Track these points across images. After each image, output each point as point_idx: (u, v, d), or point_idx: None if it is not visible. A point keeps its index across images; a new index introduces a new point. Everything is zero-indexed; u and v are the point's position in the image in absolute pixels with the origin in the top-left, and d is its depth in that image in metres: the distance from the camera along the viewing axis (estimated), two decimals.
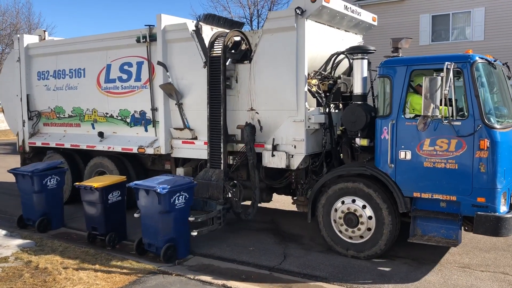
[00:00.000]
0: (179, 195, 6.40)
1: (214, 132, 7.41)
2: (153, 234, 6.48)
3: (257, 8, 30.67)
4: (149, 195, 6.36)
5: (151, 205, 6.39)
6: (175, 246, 6.46)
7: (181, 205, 6.45)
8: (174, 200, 6.33)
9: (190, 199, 6.60)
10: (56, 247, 6.95)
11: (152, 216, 6.44)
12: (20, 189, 8.13)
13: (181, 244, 6.58)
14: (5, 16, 37.94)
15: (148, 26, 8.22)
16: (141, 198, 6.52)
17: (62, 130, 9.90)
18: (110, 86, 8.91)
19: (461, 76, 5.78)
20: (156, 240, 6.44)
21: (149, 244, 6.57)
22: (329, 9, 6.90)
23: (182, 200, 6.45)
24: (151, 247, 6.55)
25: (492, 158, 5.54)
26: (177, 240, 6.49)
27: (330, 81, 7.34)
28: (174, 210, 6.35)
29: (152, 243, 6.52)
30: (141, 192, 6.47)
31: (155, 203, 6.30)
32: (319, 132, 7.06)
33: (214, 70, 7.35)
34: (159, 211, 6.31)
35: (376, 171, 6.29)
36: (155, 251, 6.50)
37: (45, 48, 10.02)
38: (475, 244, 7.03)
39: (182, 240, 6.59)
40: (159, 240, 6.41)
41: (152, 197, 6.31)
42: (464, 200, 5.75)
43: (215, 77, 7.34)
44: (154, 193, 6.24)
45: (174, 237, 6.45)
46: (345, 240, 6.54)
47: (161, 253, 6.31)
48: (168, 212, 6.32)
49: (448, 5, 20.74)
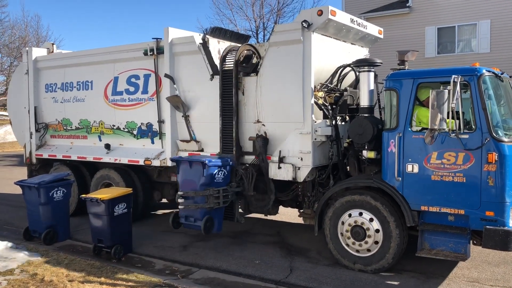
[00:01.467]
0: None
1: (227, 144, 7.44)
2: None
3: (263, 21, 30.81)
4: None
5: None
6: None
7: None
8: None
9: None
10: (62, 260, 6.94)
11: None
12: (26, 201, 8.14)
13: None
14: (14, 30, 38.37)
15: (155, 39, 8.30)
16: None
17: (69, 142, 9.95)
18: (117, 98, 8.97)
19: (468, 89, 5.76)
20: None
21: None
22: (335, 22, 6.93)
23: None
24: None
25: (500, 171, 5.50)
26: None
27: (337, 94, 7.34)
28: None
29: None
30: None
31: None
32: (325, 144, 7.05)
33: (226, 83, 7.41)
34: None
35: (383, 184, 6.26)
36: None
37: (53, 61, 10.12)
38: (484, 258, 6.94)
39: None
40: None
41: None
42: (472, 214, 5.70)
43: (227, 90, 7.40)
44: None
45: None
46: (352, 254, 6.49)
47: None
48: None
49: (453, 17, 20.77)
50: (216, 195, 6.90)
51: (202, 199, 6.87)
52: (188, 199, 6.97)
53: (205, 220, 6.85)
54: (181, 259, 7.15)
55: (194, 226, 7.08)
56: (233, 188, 7.20)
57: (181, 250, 7.57)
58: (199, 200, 6.90)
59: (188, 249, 7.65)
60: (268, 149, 7.25)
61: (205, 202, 6.84)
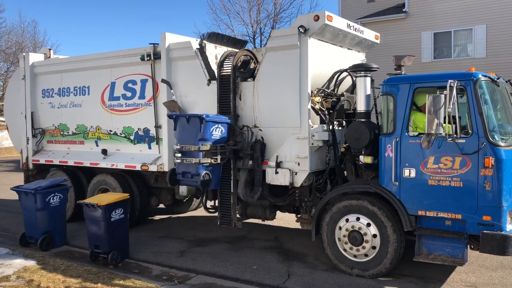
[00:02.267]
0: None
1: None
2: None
3: (260, 26, 30.93)
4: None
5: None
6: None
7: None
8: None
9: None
10: (58, 266, 6.91)
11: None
12: (22, 206, 8.11)
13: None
14: (11, 35, 38.42)
15: (152, 44, 8.31)
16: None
17: (66, 148, 9.93)
18: (114, 103, 8.96)
19: (464, 94, 5.78)
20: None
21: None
22: (332, 28, 6.95)
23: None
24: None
25: (497, 176, 5.51)
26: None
27: (334, 99, 7.36)
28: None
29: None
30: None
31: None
32: (322, 149, 7.05)
33: (224, 88, 7.42)
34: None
35: (381, 189, 6.26)
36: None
37: (50, 66, 10.11)
38: (482, 262, 6.95)
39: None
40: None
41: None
42: (469, 219, 5.70)
43: (224, 95, 7.40)
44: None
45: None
46: (349, 259, 6.48)
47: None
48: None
49: (449, 22, 20.88)
50: (214, 151, 6.85)
51: (199, 154, 6.78)
52: (185, 154, 6.86)
53: (203, 175, 6.75)
54: (178, 264, 7.13)
55: (191, 182, 6.99)
56: (230, 146, 7.13)
57: (178, 256, 7.55)
58: (196, 155, 6.82)
59: (185, 254, 7.62)
60: (265, 154, 7.25)
61: (202, 158, 6.76)
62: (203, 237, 8.66)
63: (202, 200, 8.48)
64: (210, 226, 9.20)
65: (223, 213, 7.62)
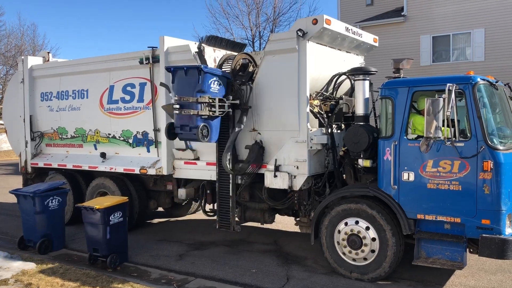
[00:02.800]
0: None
1: (223, 152, 7.41)
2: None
3: (259, 30, 30.96)
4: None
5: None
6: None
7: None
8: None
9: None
10: (57, 269, 6.89)
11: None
12: (21, 210, 8.09)
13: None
14: (10, 38, 38.44)
15: (151, 48, 8.31)
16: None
17: (65, 151, 9.92)
18: (113, 107, 8.96)
19: (463, 97, 5.79)
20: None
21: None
22: (330, 31, 6.96)
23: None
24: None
25: (496, 179, 5.51)
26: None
27: (332, 102, 7.36)
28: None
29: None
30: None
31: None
32: (321, 152, 7.05)
33: None
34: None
35: (379, 192, 6.26)
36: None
37: (48, 70, 10.11)
38: (481, 266, 6.94)
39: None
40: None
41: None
42: (468, 222, 5.70)
43: None
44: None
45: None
46: (348, 262, 6.47)
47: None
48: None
49: (448, 26, 20.93)
50: (212, 103, 6.81)
51: (197, 106, 6.73)
52: (183, 106, 6.77)
53: (201, 127, 6.73)
54: (177, 268, 7.11)
55: (189, 135, 6.93)
56: (229, 100, 7.11)
57: (177, 259, 7.53)
58: (194, 107, 6.73)
59: (184, 258, 7.61)
60: (264, 157, 7.25)
61: (200, 110, 6.71)
62: (202, 240, 8.65)
63: (201, 203, 8.50)
64: (209, 230, 9.18)
65: (221, 217, 7.61)
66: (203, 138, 6.80)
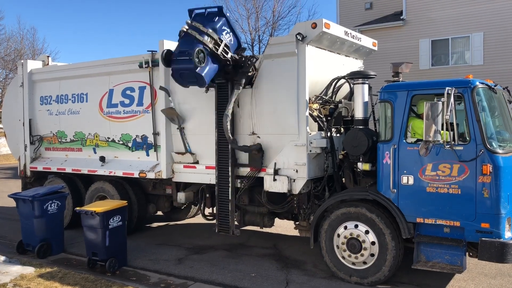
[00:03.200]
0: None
1: (222, 156, 7.43)
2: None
3: (258, 33, 31.02)
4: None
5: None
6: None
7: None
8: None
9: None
10: (56, 273, 6.87)
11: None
12: (20, 214, 8.08)
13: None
14: (9, 42, 38.42)
15: (150, 52, 8.32)
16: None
17: (64, 155, 9.91)
18: (112, 110, 8.96)
19: (462, 101, 5.79)
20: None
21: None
22: (329, 35, 6.97)
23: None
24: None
25: (495, 183, 5.51)
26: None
27: (331, 106, 7.37)
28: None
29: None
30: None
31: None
32: (320, 156, 7.05)
33: (222, 95, 7.41)
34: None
35: (379, 196, 6.25)
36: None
37: (48, 73, 10.11)
38: (480, 270, 6.93)
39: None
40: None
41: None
42: (468, 226, 5.69)
43: (223, 103, 7.38)
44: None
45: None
46: (348, 266, 6.46)
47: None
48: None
49: (447, 30, 20.97)
50: (219, 42, 6.94)
51: (204, 36, 6.83)
52: (191, 28, 6.90)
53: (197, 50, 6.67)
54: (176, 272, 7.09)
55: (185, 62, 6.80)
56: (234, 55, 7.23)
57: (176, 263, 7.51)
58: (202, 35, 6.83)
59: (183, 262, 7.59)
60: (263, 161, 7.25)
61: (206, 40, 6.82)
62: (201, 244, 8.63)
63: (200, 207, 8.49)
64: (208, 234, 9.17)
65: (221, 221, 7.60)
66: (199, 63, 6.71)
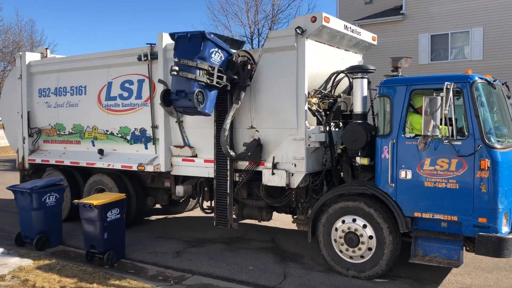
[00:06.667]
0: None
1: (221, 149, 7.41)
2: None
3: (257, 27, 30.97)
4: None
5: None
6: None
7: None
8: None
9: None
10: (54, 265, 6.89)
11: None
12: (18, 206, 8.08)
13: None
14: (8, 34, 38.23)
15: (149, 45, 8.28)
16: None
17: (62, 147, 9.90)
18: (111, 103, 8.94)
19: (461, 96, 5.79)
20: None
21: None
22: (329, 29, 6.96)
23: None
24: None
25: (493, 178, 5.52)
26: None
27: (330, 100, 7.36)
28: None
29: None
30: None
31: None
32: (319, 150, 7.05)
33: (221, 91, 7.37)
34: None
35: (377, 190, 6.27)
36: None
37: (46, 66, 10.08)
38: (477, 264, 6.96)
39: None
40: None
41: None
42: (465, 221, 5.71)
43: (222, 97, 7.36)
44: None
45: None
46: (345, 260, 6.49)
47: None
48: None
49: (446, 24, 20.95)
50: (211, 71, 6.77)
51: (196, 71, 6.67)
52: (182, 68, 6.69)
53: (196, 92, 6.66)
54: (174, 265, 7.12)
55: (184, 102, 6.80)
56: (229, 74, 7.04)
57: (174, 256, 7.54)
58: (193, 71, 6.68)
59: (181, 255, 7.61)
60: (262, 155, 7.25)
61: (198, 75, 6.66)
62: (199, 237, 8.65)
63: (199, 200, 8.50)
64: (206, 227, 9.19)
65: (219, 214, 7.62)
66: (198, 104, 6.71)
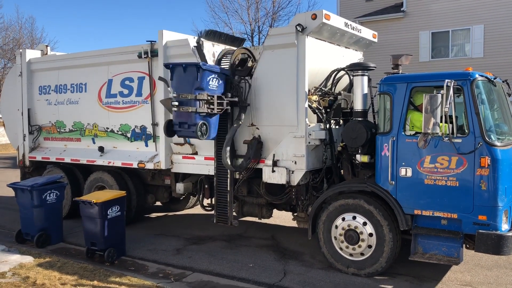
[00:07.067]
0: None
1: (221, 147, 7.41)
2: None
3: (258, 24, 30.84)
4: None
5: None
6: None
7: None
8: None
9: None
10: (55, 263, 6.90)
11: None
12: (19, 203, 8.09)
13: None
14: (8, 31, 38.16)
15: (149, 42, 8.28)
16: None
17: (63, 145, 9.90)
18: (111, 101, 8.94)
19: (461, 94, 5.79)
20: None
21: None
22: (329, 26, 6.95)
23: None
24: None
25: (493, 175, 5.52)
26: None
27: (331, 97, 7.36)
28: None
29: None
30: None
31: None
32: (319, 148, 7.06)
33: None
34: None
35: (377, 188, 6.27)
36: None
37: (47, 63, 10.08)
38: (477, 261, 6.97)
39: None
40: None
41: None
42: (465, 218, 5.72)
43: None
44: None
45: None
46: (345, 257, 6.49)
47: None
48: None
49: (447, 22, 20.91)
50: (211, 100, 6.78)
51: (196, 103, 6.68)
52: (182, 103, 6.70)
53: (200, 125, 6.70)
54: (175, 262, 7.13)
55: (188, 133, 6.90)
56: (228, 98, 7.05)
57: (174, 253, 7.55)
58: (193, 104, 6.69)
59: (181, 252, 7.62)
60: (262, 152, 7.25)
61: (199, 107, 6.67)
62: (199, 235, 8.66)
63: (199, 198, 8.51)
64: (207, 224, 9.20)
65: (219, 211, 7.63)
66: (202, 136, 6.78)
